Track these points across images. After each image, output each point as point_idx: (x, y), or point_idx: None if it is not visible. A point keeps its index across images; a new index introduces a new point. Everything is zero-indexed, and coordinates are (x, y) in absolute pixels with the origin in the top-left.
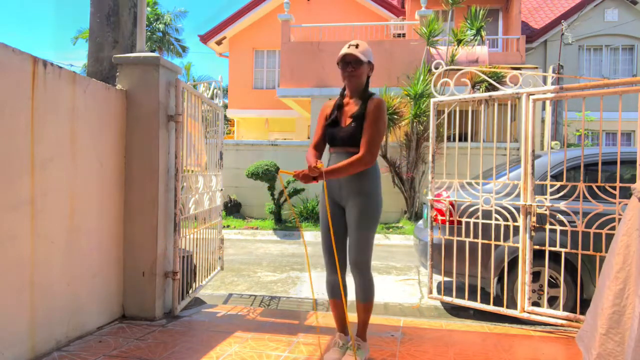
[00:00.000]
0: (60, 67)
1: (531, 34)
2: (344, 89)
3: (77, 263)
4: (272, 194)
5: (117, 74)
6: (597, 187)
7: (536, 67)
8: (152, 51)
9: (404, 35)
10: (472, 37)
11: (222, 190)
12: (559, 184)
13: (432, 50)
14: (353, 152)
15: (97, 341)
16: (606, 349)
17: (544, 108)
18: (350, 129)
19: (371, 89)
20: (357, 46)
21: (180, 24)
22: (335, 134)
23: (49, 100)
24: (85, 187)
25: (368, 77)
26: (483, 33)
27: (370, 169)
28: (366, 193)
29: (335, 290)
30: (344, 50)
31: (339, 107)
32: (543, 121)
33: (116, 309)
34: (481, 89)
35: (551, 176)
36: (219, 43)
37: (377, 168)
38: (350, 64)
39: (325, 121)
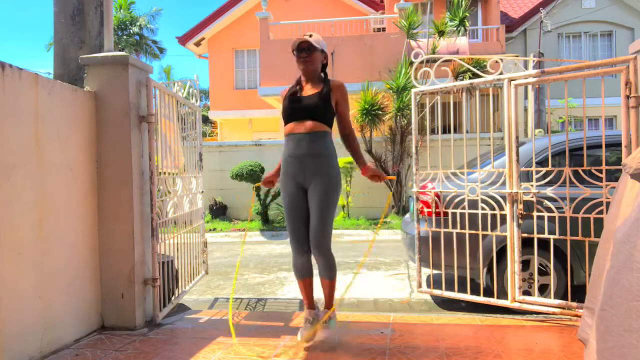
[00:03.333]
0: (21, 69)
1: (511, 24)
2: (299, 78)
3: (48, 274)
4: (258, 195)
5: (85, 75)
6: (583, 171)
7: (517, 56)
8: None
9: (384, 29)
10: (455, 28)
11: (203, 192)
12: (544, 169)
13: (413, 43)
14: (316, 132)
15: (73, 355)
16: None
17: (526, 97)
18: (314, 99)
19: (353, 84)
20: (310, 35)
21: (156, 24)
22: (299, 102)
23: (8, 104)
24: (54, 194)
25: (325, 67)
26: (466, 23)
27: (330, 149)
28: (328, 172)
29: (304, 271)
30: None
31: (297, 83)
32: (526, 109)
33: (94, 320)
34: (465, 79)
35: (536, 162)
36: (197, 44)
37: (334, 147)
38: (304, 50)
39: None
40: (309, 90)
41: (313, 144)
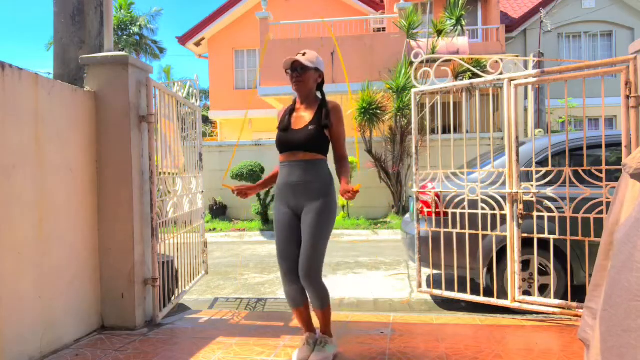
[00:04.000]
0: (21, 69)
1: (511, 24)
2: (295, 100)
3: (48, 274)
4: (258, 195)
5: (85, 75)
6: (583, 171)
7: (517, 56)
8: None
9: (384, 29)
10: (452, 27)
11: (203, 192)
12: (544, 169)
13: (413, 43)
14: (309, 160)
15: (73, 355)
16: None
17: (526, 97)
18: (308, 133)
19: (353, 84)
20: (304, 54)
21: (156, 24)
22: (289, 137)
23: (8, 104)
24: (54, 194)
25: (321, 85)
26: (463, 22)
27: (326, 173)
28: (323, 199)
29: (297, 300)
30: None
31: (291, 112)
32: (526, 109)
33: (95, 320)
34: (464, 79)
35: (536, 162)
36: (197, 44)
37: (330, 173)
38: (296, 70)
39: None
40: (302, 112)
41: (307, 172)
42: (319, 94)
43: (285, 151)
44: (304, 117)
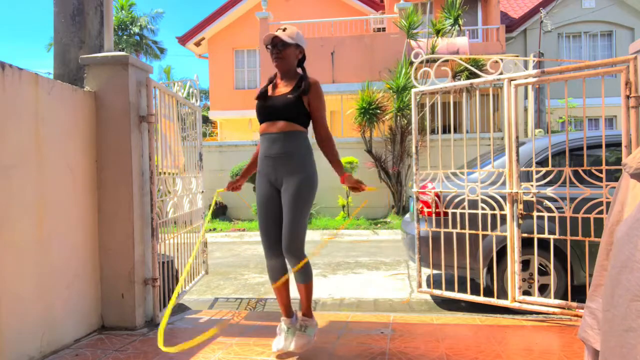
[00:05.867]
0: (21, 69)
1: (510, 24)
2: (274, 75)
3: (49, 274)
4: None
5: (85, 75)
6: (584, 171)
7: (517, 56)
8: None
9: (384, 29)
10: (450, 27)
11: (203, 192)
12: (544, 169)
13: (413, 43)
14: (288, 131)
15: (73, 355)
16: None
17: (526, 97)
18: (286, 99)
19: (353, 84)
20: (284, 29)
21: (157, 25)
22: (267, 104)
23: (8, 104)
24: (54, 194)
25: (302, 62)
26: (461, 21)
27: (303, 148)
28: (302, 172)
29: (277, 274)
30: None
31: (270, 84)
32: (526, 109)
33: (95, 320)
34: (462, 78)
35: (536, 162)
36: (197, 44)
37: (309, 146)
38: (276, 46)
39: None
40: (282, 88)
41: (286, 144)
42: (300, 71)
43: (265, 120)
44: (283, 90)
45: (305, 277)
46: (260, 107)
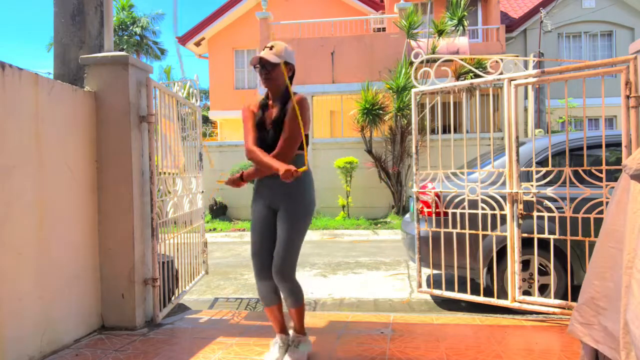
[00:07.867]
0: (21, 69)
1: (511, 24)
2: (266, 95)
3: (49, 274)
4: None
5: (85, 75)
6: (584, 171)
7: (517, 56)
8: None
9: (384, 29)
10: (453, 28)
11: (203, 192)
12: (544, 169)
13: (413, 43)
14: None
15: (73, 355)
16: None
17: (526, 97)
18: (273, 136)
19: (353, 84)
20: (271, 48)
21: (157, 26)
22: (261, 137)
23: (8, 104)
24: (54, 194)
25: (291, 77)
26: (465, 22)
27: (303, 173)
28: (300, 197)
29: (270, 298)
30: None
31: (264, 107)
32: (526, 109)
33: (95, 320)
34: (459, 79)
35: (536, 162)
36: (197, 44)
37: (309, 172)
38: (264, 67)
39: (254, 119)
40: (273, 109)
41: None
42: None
43: (261, 145)
44: (274, 113)
45: (296, 302)
46: (260, 138)
